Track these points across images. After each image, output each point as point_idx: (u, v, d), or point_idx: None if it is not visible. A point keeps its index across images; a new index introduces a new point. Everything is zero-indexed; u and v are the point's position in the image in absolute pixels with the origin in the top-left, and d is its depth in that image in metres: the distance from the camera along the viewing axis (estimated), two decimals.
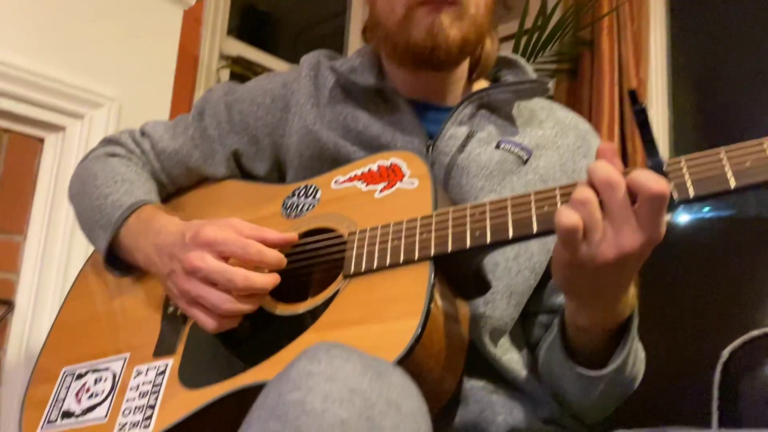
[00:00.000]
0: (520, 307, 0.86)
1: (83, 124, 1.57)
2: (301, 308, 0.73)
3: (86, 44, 1.60)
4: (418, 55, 0.86)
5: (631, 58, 2.21)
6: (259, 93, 0.98)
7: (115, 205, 0.87)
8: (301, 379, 0.51)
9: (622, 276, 0.66)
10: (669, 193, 0.59)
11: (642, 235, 0.60)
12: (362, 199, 0.79)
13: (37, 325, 1.46)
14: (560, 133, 0.94)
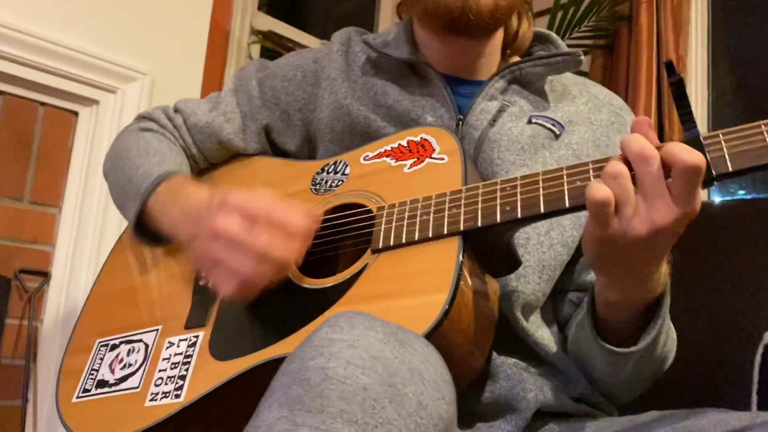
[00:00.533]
0: (552, 282, 0.85)
1: (116, 98, 1.59)
2: (329, 282, 0.73)
3: (119, 19, 1.61)
4: (447, 15, 0.85)
5: (670, 34, 2.15)
6: (290, 69, 0.98)
7: (145, 176, 0.88)
8: (323, 345, 0.51)
9: (654, 252, 0.64)
10: (704, 165, 0.57)
11: (676, 210, 0.59)
12: (391, 175, 0.79)
13: (72, 296, 1.49)
14: (594, 109, 0.93)
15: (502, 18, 0.88)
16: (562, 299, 0.90)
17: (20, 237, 1.47)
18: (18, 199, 1.48)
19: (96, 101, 1.57)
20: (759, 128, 0.59)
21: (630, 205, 0.60)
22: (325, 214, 0.80)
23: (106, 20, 1.59)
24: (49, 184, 1.52)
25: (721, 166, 0.59)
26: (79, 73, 1.53)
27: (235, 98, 0.99)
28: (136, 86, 1.61)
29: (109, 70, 1.58)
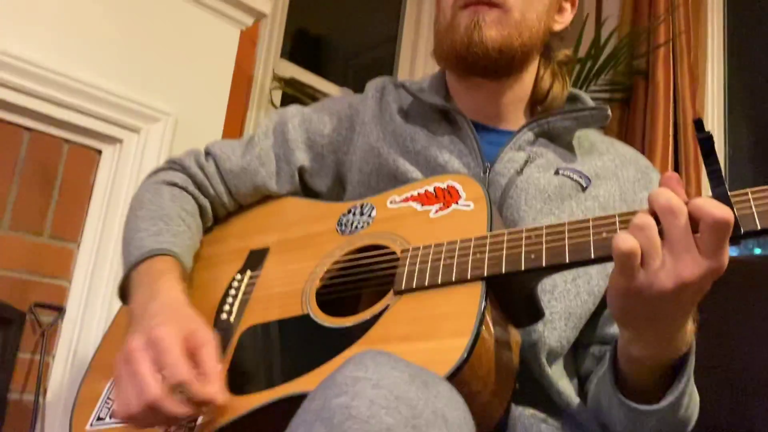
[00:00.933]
0: (577, 330, 0.84)
1: (140, 138, 1.61)
2: (350, 322, 0.72)
3: (146, 60, 1.65)
4: (458, 53, 0.88)
5: (687, 90, 2.17)
6: (326, 113, 1.01)
7: (138, 245, 0.87)
8: (347, 383, 0.51)
9: (680, 307, 0.63)
10: (732, 219, 0.57)
11: (703, 265, 0.58)
12: (417, 219, 0.79)
13: (85, 332, 1.48)
14: (620, 166, 0.94)
15: (514, 57, 0.89)
16: (584, 353, 0.89)
17: (38, 271, 1.48)
18: (38, 234, 1.49)
19: (119, 140, 1.60)
20: None
21: (657, 257, 0.59)
22: (350, 254, 0.81)
23: (132, 61, 1.63)
24: (69, 220, 1.54)
25: (749, 223, 0.59)
26: (104, 112, 1.56)
27: (270, 141, 1.00)
28: (159, 126, 1.64)
29: (134, 109, 1.60)
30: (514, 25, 0.88)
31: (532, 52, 0.92)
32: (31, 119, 1.48)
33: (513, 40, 0.87)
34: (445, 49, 0.91)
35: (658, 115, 2.16)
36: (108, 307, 1.48)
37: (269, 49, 2.34)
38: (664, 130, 2.14)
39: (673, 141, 2.16)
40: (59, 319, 1.49)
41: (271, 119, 1.03)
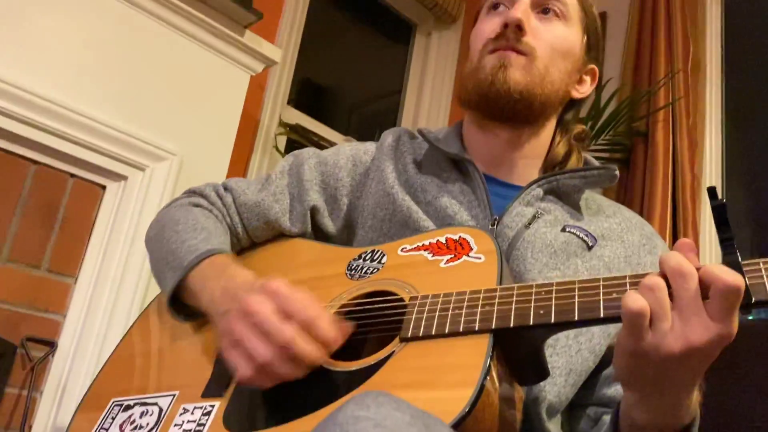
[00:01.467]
0: (576, 387, 0.84)
1: (144, 176, 1.63)
2: (353, 366, 0.71)
3: (156, 100, 1.68)
4: (481, 91, 0.91)
5: (685, 153, 2.21)
6: (342, 157, 1.03)
7: (190, 250, 0.88)
8: (348, 422, 0.50)
9: (687, 373, 0.63)
10: (743, 286, 0.57)
11: (712, 330, 0.58)
12: (427, 268, 0.79)
13: (76, 369, 1.46)
14: (626, 230, 0.95)
15: (533, 104, 0.91)
16: (579, 413, 0.88)
17: (33, 304, 1.47)
18: (36, 267, 1.48)
19: (124, 177, 1.61)
20: None
21: (666, 319, 0.59)
22: (358, 299, 0.80)
23: (141, 100, 1.65)
24: (68, 254, 1.53)
25: (761, 292, 0.59)
26: (110, 149, 1.58)
27: (286, 180, 1.02)
28: (164, 165, 1.65)
29: (140, 147, 1.62)
30: (538, 75, 0.90)
31: (549, 107, 0.94)
32: (37, 152, 1.49)
33: (535, 88, 0.90)
34: (469, 89, 0.93)
35: (657, 177, 2.19)
36: (101, 344, 1.47)
37: (276, 96, 2.38)
38: (663, 191, 2.17)
39: (671, 202, 2.18)
40: (50, 355, 1.47)
41: (287, 160, 1.05)
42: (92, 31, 1.58)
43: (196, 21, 1.75)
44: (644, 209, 2.18)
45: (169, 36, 1.72)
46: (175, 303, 0.88)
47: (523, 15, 0.91)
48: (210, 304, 0.81)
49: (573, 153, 0.99)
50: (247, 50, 1.86)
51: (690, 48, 2.37)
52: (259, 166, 2.26)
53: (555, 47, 0.93)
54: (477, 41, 0.96)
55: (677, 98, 2.28)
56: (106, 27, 1.61)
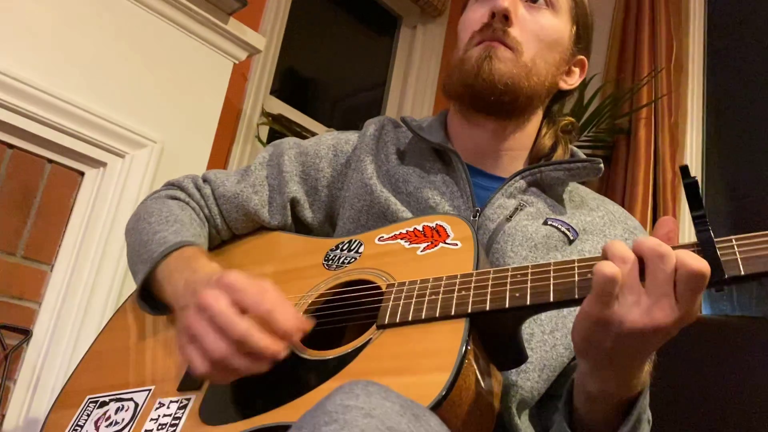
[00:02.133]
0: (549, 382, 0.84)
1: (124, 163, 1.60)
2: (330, 354, 0.71)
3: (137, 86, 1.66)
4: (466, 82, 0.90)
5: (667, 150, 2.23)
6: (323, 147, 1.02)
7: (160, 242, 0.87)
8: (337, 411, 0.49)
9: (644, 348, 0.64)
10: (708, 272, 0.58)
11: (677, 312, 0.59)
12: (404, 256, 0.79)
13: (51, 357, 1.44)
14: (609, 224, 0.95)
15: (518, 97, 0.91)
16: (550, 403, 0.88)
17: (7, 291, 1.44)
18: (11, 253, 1.46)
19: (103, 163, 1.59)
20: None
21: (634, 292, 0.60)
22: (335, 288, 0.80)
23: (123, 86, 1.63)
24: (45, 242, 1.51)
25: (733, 269, 0.60)
26: (90, 134, 1.55)
27: (265, 171, 1.01)
28: (145, 153, 1.63)
29: (121, 134, 1.60)
30: (523, 68, 0.90)
31: (536, 99, 0.94)
32: (14, 136, 1.46)
33: (520, 80, 0.89)
34: (454, 80, 0.93)
35: (638, 173, 2.21)
36: (77, 333, 1.45)
37: (259, 85, 2.36)
38: (644, 187, 2.19)
39: (652, 199, 2.21)
40: (25, 343, 1.44)
41: (267, 150, 1.04)
42: (73, 13, 1.56)
43: (179, 7, 1.72)
44: (625, 206, 2.19)
45: (152, 21, 1.70)
46: (145, 296, 0.87)
47: (511, 4, 0.91)
48: (173, 298, 0.80)
49: (559, 145, 0.98)
50: (230, 37, 1.84)
51: (673, 47, 2.39)
52: (240, 155, 2.24)
53: (542, 38, 0.92)
54: (464, 31, 0.95)
55: (660, 96, 2.30)
56: (88, 10, 1.58)
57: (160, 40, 1.71)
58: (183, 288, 0.78)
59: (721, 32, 2.58)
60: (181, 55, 1.75)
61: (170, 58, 1.73)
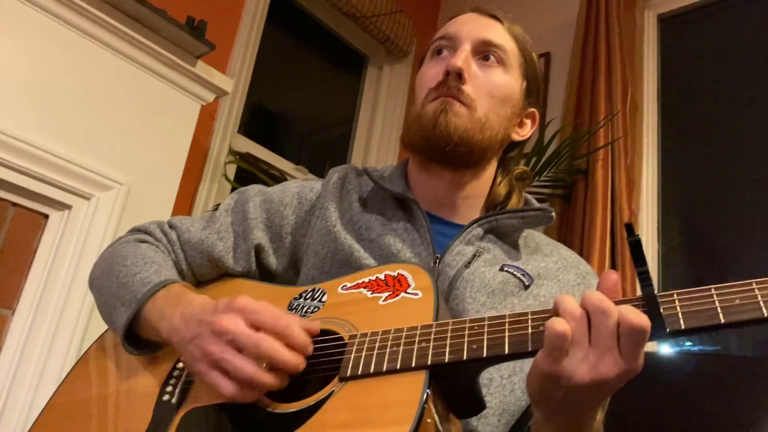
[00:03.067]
0: (508, 426, 0.86)
1: (89, 205, 1.60)
2: (293, 407, 0.72)
3: (103, 128, 1.66)
4: (423, 134, 0.94)
5: (624, 190, 2.30)
6: (287, 195, 1.04)
7: (143, 282, 0.88)
8: None
9: (593, 399, 0.67)
10: (649, 328, 0.61)
11: (621, 366, 0.62)
12: (366, 305, 0.81)
13: (11, 402, 1.42)
14: (562, 269, 0.99)
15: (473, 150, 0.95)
16: None
17: None
18: None
19: (68, 206, 1.58)
20: (709, 292, 0.64)
21: (582, 348, 0.63)
22: None
23: (89, 128, 1.63)
24: (6, 285, 1.49)
25: (674, 323, 0.63)
26: (54, 177, 1.55)
27: (230, 218, 1.02)
28: (111, 195, 1.63)
29: (86, 176, 1.60)
30: (477, 122, 0.94)
31: (489, 151, 0.98)
32: None
33: (474, 134, 0.94)
34: (412, 132, 0.97)
35: (596, 213, 2.26)
36: (38, 379, 1.42)
37: (227, 124, 2.38)
38: (602, 226, 2.24)
39: (610, 237, 2.26)
40: None
41: (232, 197, 1.06)
42: (39, 56, 1.57)
43: (147, 50, 1.75)
44: (584, 243, 2.25)
45: (119, 64, 1.71)
46: (129, 338, 0.87)
47: (464, 63, 0.95)
48: (171, 334, 0.81)
49: (514, 193, 1.03)
50: (198, 80, 1.87)
51: (629, 90, 2.48)
52: (207, 195, 2.25)
53: (494, 94, 0.97)
54: (421, 88, 1.00)
55: (616, 138, 2.37)
56: (54, 52, 1.59)
57: (127, 83, 1.72)
58: (181, 321, 0.79)
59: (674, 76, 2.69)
60: (148, 98, 1.76)
61: (137, 101, 1.74)
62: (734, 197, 2.39)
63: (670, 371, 1.28)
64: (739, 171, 2.40)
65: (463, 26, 1.01)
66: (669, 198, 2.52)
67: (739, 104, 2.48)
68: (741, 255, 2.31)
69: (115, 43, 1.70)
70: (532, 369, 0.67)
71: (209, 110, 2.24)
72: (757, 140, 2.39)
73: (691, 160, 2.57)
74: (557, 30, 2.90)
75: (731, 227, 2.37)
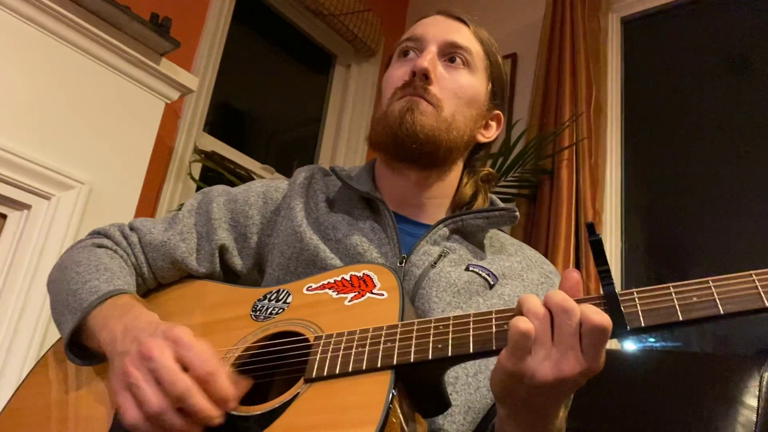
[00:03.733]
0: (474, 424, 0.86)
1: (50, 205, 1.57)
2: (257, 410, 0.71)
3: (65, 127, 1.63)
4: (390, 133, 0.95)
5: (588, 190, 2.33)
6: (252, 195, 1.03)
7: (91, 290, 0.86)
8: None
9: (556, 397, 0.68)
10: (610, 326, 0.62)
11: (583, 364, 0.63)
12: (332, 306, 0.80)
13: None
14: (526, 268, 1.00)
15: (439, 149, 0.95)
16: None
17: None
18: None
19: (27, 206, 1.55)
20: (668, 290, 0.65)
21: (545, 347, 0.64)
22: (263, 341, 0.80)
23: (49, 126, 1.60)
24: None
25: (635, 321, 0.65)
26: (13, 176, 1.51)
27: (194, 219, 1.01)
28: (72, 194, 1.60)
29: (46, 175, 1.56)
30: (444, 122, 0.95)
31: (455, 151, 0.99)
32: None
33: (440, 134, 0.94)
34: (379, 131, 0.97)
35: (561, 212, 2.30)
36: None
37: (192, 122, 2.35)
38: (567, 226, 2.28)
39: (575, 237, 2.30)
40: None
41: (196, 198, 1.04)
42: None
43: (111, 48, 1.71)
44: (549, 243, 2.28)
45: (82, 61, 1.68)
46: (73, 347, 0.85)
47: (430, 64, 0.96)
48: (108, 344, 0.78)
49: (479, 194, 1.03)
50: (162, 78, 1.84)
51: (593, 92, 2.52)
52: (172, 194, 2.22)
53: (460, 96, 0.98)
54: (387, 88, 1.00)
55: (581, 139, 2.41)
56: (13, 50, 1.55)
57: (89, 80, 1.69)
58: (122, 333, 0.77)
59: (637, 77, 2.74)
60: (111, 96, 1.73)
61: (100, 98, 1.71)
62: (695, 197, 2.45)
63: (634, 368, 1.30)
64: (701, 171, 2.46)
65: (429, 28, 1.01)
66: (632, 198, 2.57)
67: (700, 105, 2.54)
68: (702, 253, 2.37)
69: (76, 40, 1.66)
70: (496, 367, 0.68)
71: (174, 108, 2.21)
72: (718, 141, 2.45)
73: (653, 160, 2.63)
74: (523, 32, 2.93)
75: (692, 226, 2.43)
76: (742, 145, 2.39)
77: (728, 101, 2.47)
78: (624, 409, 1.21)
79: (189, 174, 2.31)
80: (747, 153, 2.37)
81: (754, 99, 2.42)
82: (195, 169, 2.36)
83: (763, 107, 2.38)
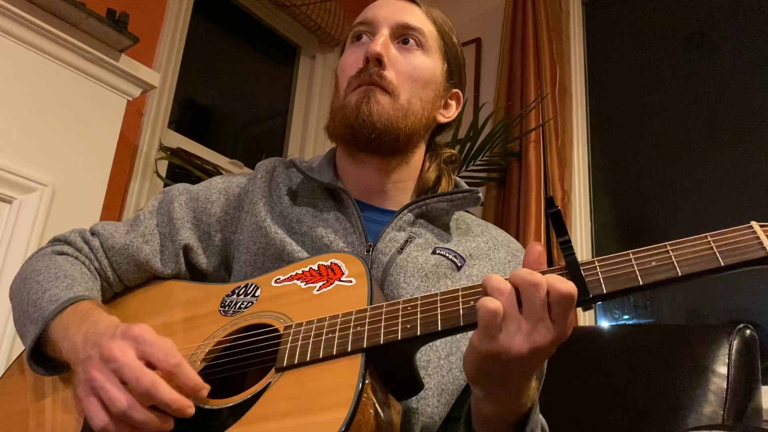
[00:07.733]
0: (449, 406, 0.87)
1: (12, 209, 1.53)
2: (230, 402, 0.71)
3: (23, 128, 1.59)
4: (347, 124, 0.94)
5: (556, 170, 2.36)
6: (214, 192, 1.02)
7: (51, 299, 0.84)
8: None
9: (529, 369, 0.69)
10: (575, 293, 0.64)
11: (553, 332, 0.64)
12: (301, 296, 0.81)
13: None
14: (493, 248, 1.00)
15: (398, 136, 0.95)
16: (452, 428, 0.91)
17: None
18: None
19: None
20: (628, 256, 0.67)
21: (514, 321, 0.65)
22: (233, 335, 0.80)
23: (6, 127, 1.56)
24: None
25: (597, 288, 0.66)
26: None
27: (155, 220, 0.99)
28: (34, 197, 1.57)
29: (5, 178, 1.53)
30: (400, 109, 0.95)
31: (415, 136, 0.98)
32: None
33: (398, 121, 0.94)
34: (337, 123, 0.96)
35: (530, 194, 2.32)
36: None
37: (156, 119, 2.32)
38: (537, 207, 2.30)
39: (545, 218, 2.32)
40: None
41: (157, 198, 1.03)
42: None
43: (67, 46, 1.68)
44: (520, 224, 2.30)
45: (38, 60, 1.64)
46: (37, 357, 0.84)
47: (383, 48, 0.95)
48: (71, 353, 0.77)
49: (443, 177, 1.03)
50: (123, 75, 1.81)
51: (557, 73, 2.55)
52: (139, 192, 2.19)
53: (416, 78, 0.97)
54: (342, 76, 0.99)
55: (547, 120, 2.43)
56: None
57: (47, 79, 1.65)
58: (82, 341, 0.76)
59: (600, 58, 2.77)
60: (71, 94, 1.70)
61: (59, 98, 1.67)
62: (660, 175, 2.49)
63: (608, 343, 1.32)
64: (665, 150, 2.50)
65: (380, 11, 1.01)
66: (600, 177, 2.61)
67: (662, 84, 2.58)
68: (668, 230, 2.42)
69: (31, 39, 1.62)
70: (468, 350, 0.69)
71: (137, 105, 2.17)
72: (680, 119, 2.49)
73: (619, 139, 2.66)
74: (487, 16, 2.94)
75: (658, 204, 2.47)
76: (705, 121, 2.43)
77: (690, 77, 2.52)
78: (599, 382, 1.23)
79: (156, 172, 2.28)
80: (710, 129, 2.42)
81: (715, 73, 2.47)
82: (162, 166, 2.33)
83: (725, 81, 2.42)
